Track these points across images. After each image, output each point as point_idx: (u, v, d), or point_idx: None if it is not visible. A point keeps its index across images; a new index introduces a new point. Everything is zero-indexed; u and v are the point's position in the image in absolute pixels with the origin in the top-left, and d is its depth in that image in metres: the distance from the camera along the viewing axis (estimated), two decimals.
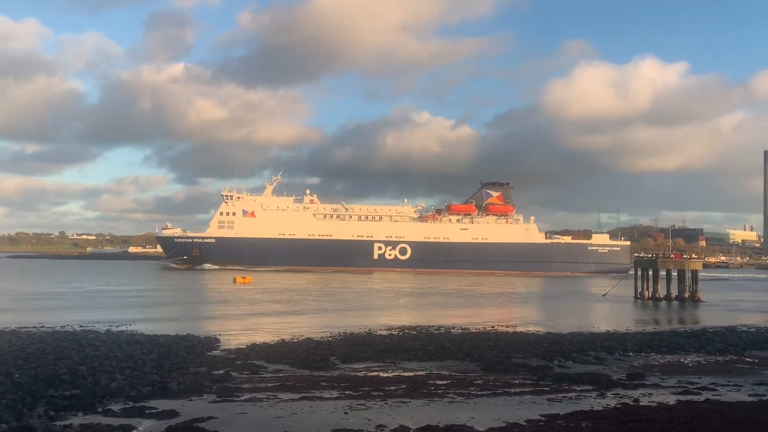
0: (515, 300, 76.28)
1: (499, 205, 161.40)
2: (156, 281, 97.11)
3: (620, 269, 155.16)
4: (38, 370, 23.80)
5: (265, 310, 55.94)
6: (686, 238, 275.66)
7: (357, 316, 51.35)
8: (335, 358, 29.43)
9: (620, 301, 72.94)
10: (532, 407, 20.15)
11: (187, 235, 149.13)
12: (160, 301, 63.85)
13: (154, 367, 25.69)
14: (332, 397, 21.14)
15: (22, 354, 27.43)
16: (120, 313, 48.96)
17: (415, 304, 66.38)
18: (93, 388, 21.15)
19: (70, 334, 34.81)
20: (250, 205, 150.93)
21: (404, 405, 20.08)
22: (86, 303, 59.05)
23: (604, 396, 22.05)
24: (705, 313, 61.34)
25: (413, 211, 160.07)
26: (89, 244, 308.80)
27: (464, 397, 21.35)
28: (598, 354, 32.15)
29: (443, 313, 56.55)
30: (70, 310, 52.20)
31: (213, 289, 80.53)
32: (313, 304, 62.36)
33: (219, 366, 26.87)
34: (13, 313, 47.41)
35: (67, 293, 70.74)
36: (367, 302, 66.21)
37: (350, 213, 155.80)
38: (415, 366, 28.16)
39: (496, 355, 30.88)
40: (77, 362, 25.64)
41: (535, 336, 38.75)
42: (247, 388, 22.56)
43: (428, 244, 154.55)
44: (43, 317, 44.09)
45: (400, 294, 79.57)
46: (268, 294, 73.57)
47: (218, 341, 34.67)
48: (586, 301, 75.66)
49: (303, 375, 25.59)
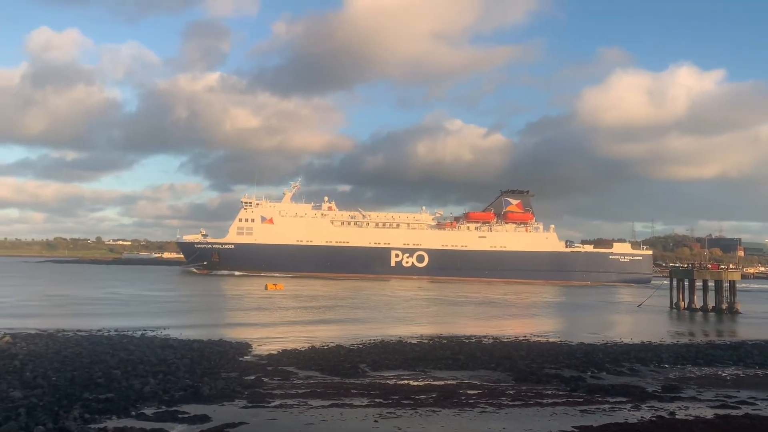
0: (545, 309, 75.42)
1: (518, 213, 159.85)
2: (188, 287, 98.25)
3: (642, 279, 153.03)
4: (74, 373, 24.21)
5: (296, 316, 56.16)
6: (723, 247, 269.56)
7: (386, 324, 51.26)
8: (365, 366, 29.40)
9: (655, 311, 71.62)
10: (565, 419, 19.86)
11: (206, 241, 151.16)
12: (193, 306, 64.55)
13: (186, 371, 25.95)
14: (362, 404, 21.10)
15: (59, 357, 27.93)
16: (154, 318, 49.62)
17: (444, 312, 66.02)
18: (127, 392, 21.44)
19: (106, 339, 35.37)
20: (268, 211, 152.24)
21: (435, 414, 19.95)
22: (121, 307, 59.99)
23: (639, 408, 21.63)
24: (743, 325, 59.85)
25: (431, 219, 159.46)
26: (125, 250, 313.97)
27: (495, 408, 21.13)
28: (633, 365, 31.58)
29: (471, 321, 56.17)
30: (106, 314, 53.06)
31: (245, 295, 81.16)
32: (343, 311, 62.42)
33: (250, 371, 27.03)
34: (50, 317, 48.33)
35: (103, 298, 71.95)
36: (397, 310, 66.07)
37: (368, 220, 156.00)
38: (445, 375, 27.98)
39: (528, 365, 30.54)
40: (112, 366, 26.01)
41: (568, 346, 38.24)
42: (278, 394, 22.64)
43: (446, 251, 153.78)
44: (79, 321, 44.94)
45: (431, 302, 79.22)
46: (298, 300, 73.91)
47: (250, 347, 34.89)
48: (619, 312, 74.47)
49: (333, 382, 25.60)
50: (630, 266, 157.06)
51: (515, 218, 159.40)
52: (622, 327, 54.35)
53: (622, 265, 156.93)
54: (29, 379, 22.85)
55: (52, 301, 64.68)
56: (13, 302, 62.14)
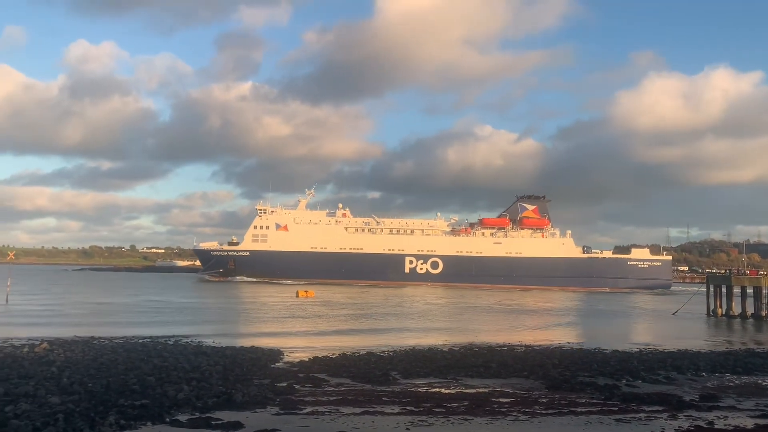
0: (573, 317, 74.45)
1: (534, 219, 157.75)
2: (218, 294, 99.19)
3: (661, 285, 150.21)
4: (110, 379, 24.57)
5: (327, 322, 56.32)
6: (762, 253, 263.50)
7: (416, 331, 51.16)
8: (396, 373, 29.33)
9: (691, 318, 70.23)
10: (600, 428, 19.56)
11: (222, 249, 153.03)
12: (225, 313, 65.12)
13: (219, 378, 26.18)
14: (394, 412, 21.04)
15: (95, 364, 28.40)
16: (187, 325, 50.22)
17: (469, 319, 65.59)
18: (161, 399, 21.69)
19: (140, 345, 35.86)
20: (283, 219, 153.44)
21: (467, 422, 19.81)
22: (155, 314, 60.80)
23: (676, 417, 21.20)
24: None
25: (446, 225, 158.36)
26: (158, 257, 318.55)
27: (528, 416, 20.90)
28: (669, 373, 30.99)
29: (498, 329, 55.76)
30: (140, 321, 53.86)
31: (276, 302, 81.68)
32: (374, 318, 62.42)
33: (282, 378, 27.15)
34: (86, 325, 49.21)
35: (137, 305, 73.04)
36: (427, 317, 65.91)
37: (382, 227, 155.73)
38: (477, 383, 27.78)
39: (561, 373, 30.17)
40: (146, 372, 26.36)
41: (602, 354, 37.69)
42: (309, 401, 22.70)
43: (460, 258, 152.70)
44: (114, 328, 45.71)
45: (456, 309, 78.82)
46: (329, 307, 74.13)
47: (281, 354, 35.07)
48: (654, 319, 73.17)
49: (364, 389, 25.58)
50: (649, 272, 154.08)
51: (531, 224, 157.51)
52: (657, 334, 53.42)
53: (641, 271, 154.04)
54: (66, 385, 23.26)
55: (88, 309, 65.84)
56: (51, 310, 63.41)
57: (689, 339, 49.04)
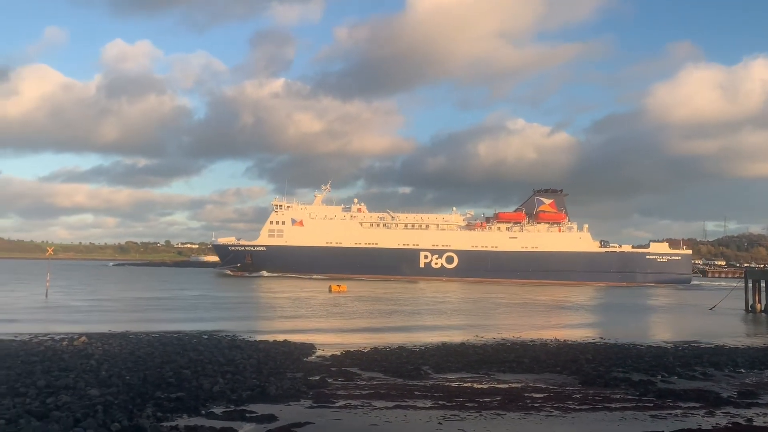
0: (603, 312, 73.52)
1: (550, 213, 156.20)
2: (252, 290, 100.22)
3: (681, 279, 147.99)
4: (146, 372, 25.03)
5: (360, 317, 56.56)
6: None
7: (446, 326, 51.08)
8: (428, 368, 29.35)
9: (729, 314, 68.87)
10: (635, 424, 19.34)
11: (240, 244, 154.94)
12: (259, 307, 65.81)
13: (253, 371, 26.50)
14: (426, 406, 21.07)
15: (132, 357, 28.95)
16: (221, 319, 50.85)
17: (499, 315, 65.25)
18: (197, 391, 22.04)
19: (176, 339, 36.45)
20: (299, 214, 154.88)
21: (499, 417, 19.75)
22: (191, 309, 61.72)
23: (713, 414, 20.86)
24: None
25: (462, 220, 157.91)
26: (192, 253, 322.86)
27: (562, 411, 20.76)
28: (706, 370, 30.47)
29: (527, 323, 55.40)
30: (176, 315, 54.72)
31: (310, 297, 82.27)
32: (407, 313, 62.52)
33: (315, 372, 27.37)
34: (123, 319, 50.17)
35: (172, 299, 74.22)
36: (461, 312, 65.79)
37: (396, 222, 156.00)
38: (509, 378, 27.66)
39: (594, 368, 29.87)
40: (182, 366, 26.79)
41: (636, 349, 37.22)
42: (342, 394, 22.86)
43: (475, 252, 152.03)
44: (150, 322, 46.54)
45: (487, 304, 78.47)
46: (361, 302, 74.44)
47: (314, 348, 35.33)
48: (690, 314, 71.92)
49: (396, 383, 25.66)
50: (668, 266, 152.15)
51: (547, 218, 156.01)
52: (693, 330, 52.44)
53: (660, 266, 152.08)
54: (105, 378, 23.76)
55: (125, 303, 67.12)
56: (89, 305, 64.79)
57: (727, 335, 48.13)
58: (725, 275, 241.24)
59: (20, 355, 28.52)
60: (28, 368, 25.22)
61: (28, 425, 16.55)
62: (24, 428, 16.30)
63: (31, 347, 31.22)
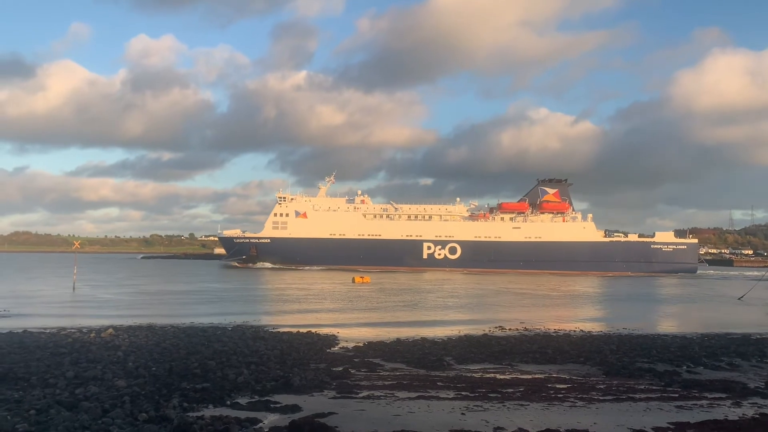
0: (624, 302, 72.87)
1: (554, 203, 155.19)
2: (274, 281, 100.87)
3: (687, 269, 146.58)
4: (172, 363, 25.37)
5: (383, 308, 56.69)
6: None
7: (468, 316, 51.01)
8: (450, 359, 29.37)
9: (758, 304, 67.93)
10: (660, 414, 19.20)
11: (245, 236, 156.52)
12: (282, 299, 66.20)
13: (277, 362, 26.74)
14: (449, 397, 21.11)
15: (158, 349, 29.35)
16: (244, 311, 51.29)
17: (514, 306, 65.01)
18: (222, 382, 22.30)
19: (200, 330, 36.87)
20: (302, 206, 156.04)
21: (522, 408, 19.73)
22: (215, 301, 62.37)
23: (740, 405, 20.63)
24: None
25: (465, 210, 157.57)
26: (216, 245, 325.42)
27: (586, 402, 20.67)
28: (732, 360, 30.12)
29: (546, 315, 55.12)
30: (201, 307, 55.32)
31: (334, 289, 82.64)
32: (430, 304, 62.56)
33: (338, 363, 27.53)
34: (149, 311, 50.82)
35: (197, 291, 75.05)
36: (485, 304, 65.68)
37: (400, 213, 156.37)
38: (533, 369, 27.59)
39: (619, 359, 29.68)
40: (207, 357, 27.11)
41: (661, 340, 36.89)
42: (365, 385, 22.98)
43: (479, 243, 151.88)
44: (175, 314, 47.13)
45: (520, 295, 78.21)
46: (384, 293, 74.60)
47: (336, 338, 35.53)
48: (717, 304, 71.04)
49: (419, 374, 25.73)
50: (674, 255, 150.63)
51: (551, 208, 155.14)
52: (720, 320, 51.85)
53: (665, 255, 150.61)
54: (132, 369, 24.14)
55: (150, 296, 67.97)
56: (115, 297, 65.73)
57: (754, 325, 47.50)
58: (753, 265, 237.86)
59: (49, 346, 29.08)
60: (57, 360, 25.72)
61: (58, 415, 16.89)
62: (54, 418, 16.63)
63: (59, 339, 31.80)
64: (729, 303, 70.77)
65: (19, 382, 21.49)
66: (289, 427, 16.85)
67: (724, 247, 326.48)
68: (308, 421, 17.20)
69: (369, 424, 17.43)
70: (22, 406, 17.93)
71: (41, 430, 15.63)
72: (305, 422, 17.03)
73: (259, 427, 17.06)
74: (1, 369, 23.20)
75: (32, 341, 30.79)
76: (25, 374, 22.49)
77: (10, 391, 20.01)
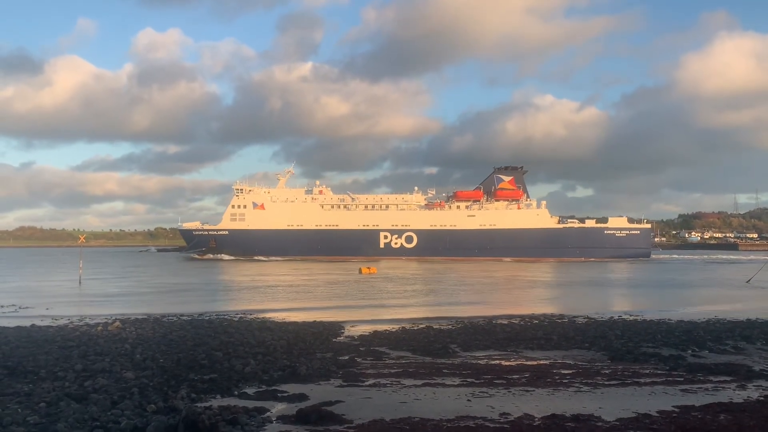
0: (628, 288, 72.94)
1: (508, 191, 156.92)
2: (283, 271, 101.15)
3: (639, 254, 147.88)
4: (180, 355, 25.56)
5: (387, 297, 56.89)
6: None
7: (471, 305, 51.18)
8: (456, 346, 29.50)
9: (765, 287, 67.90)
10: (665, 398, 19.29)
11: (204, 228, 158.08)
12: (290, 290, 66.45)
13: (284, 352, 26.90)
14: (454, 384, 21.22)
15: (165, 341, 29.54)
16: (251, 301, 51.55)
17: (517, 293, 65.16)
18: (229, 373, 22.46)
19: (207, 322, 37.07)
20: (260, 197, 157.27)
21: (528, 394, 19.84)
22: (220, 293, 62.64)
23: (745, 388, 20.70)
24: None
25: (423, 199, 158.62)
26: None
27: (591, 387, 20.77)
28: (737, 343, 30.17)
29: (544, 301, 55.23)
30: (205, 299, 55.58)
31: (339, 279, 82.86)
32: (435, 293, 62.74)
33: (344, 352, 27.69)
34: (155, 303, 51.09)
35: (201, 283, 75.32)
36: (494, 292, 65.84)
37: (357, 203, 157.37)
38: (538, 355, 27.70)
39: (624, 344, 29.76)
40: (214, 348, 27.28)
41: (666, 324, 36.96)
42: (371, 373, 23.11)
43: (434, 231, 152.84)
44: (181, 306, 47.36)
45: (534, 284, 78.30)
46: (390, 282, 74.81)
47: (342, 328, 35.71)
48: (724, 287, 71.05)
49: (425, 362, 25.86)
50: (627, 241, 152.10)
51: (505, 195, 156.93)
52: (725, 303, 51.91)
53: (618, 240, 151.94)
54: (139, 361, 24.32)
55: (156, 288, 68.25)
56: (121, 290, 66.04)
57: (760, 308, 47.49)
58: (758, 248, 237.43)
59: (57, 340, 29.27)
60: (65, 353, 25.90)
61: (67, 407, 17.06)
62: (64, 410, 16.80)
63: (67, 332, 32.02)
64: (734, 286, 70.75)
65: (28, 375, 21.65)
66: (296, 416, 16.99)
67: (729, 231, 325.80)
68: (315, 409, 17.32)
69: (375, 411, 17.56)
70: (32, 399, 18.10)
71: (52, 422, 15.78)
72: (312, 410, 17.16)
73: (266, 416, 17.19)
74: (10, 363, 23.38)
75: (40, 335, 31.01)
76: (34, 368, 22.66)
77: (20, 384, 20.18)
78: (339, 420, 16.72)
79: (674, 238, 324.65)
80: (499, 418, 16.88)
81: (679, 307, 48.96)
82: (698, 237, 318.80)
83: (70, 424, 15.67)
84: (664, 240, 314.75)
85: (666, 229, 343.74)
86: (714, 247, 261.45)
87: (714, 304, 51.84)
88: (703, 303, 52.84)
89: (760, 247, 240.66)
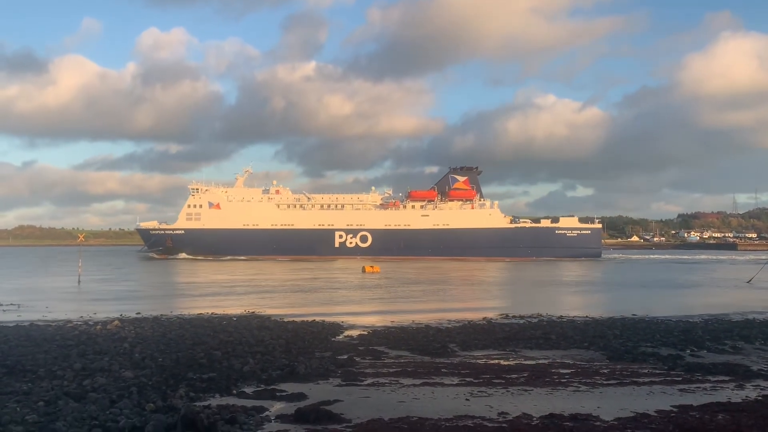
0: (624, 288, 72.97)
1: (462, 191, 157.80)
2: (284, 271, 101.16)
3: (590, 254, 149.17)
4: (179, 354, 25.56)
5: (387, 297, 56.91)
6: None
7: (471, 304, 51.22)
8: (454, 346, 29.53)
9: (765, 287, 67.94)
10: (663, 398, 19.31)
11: (160, 227, 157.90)
12: (291, 289, 66.47)
13: (282, 351, 26.91)
14: (453, 383, 21.24)
15: (164, 340, 29.55)
16: (251, 301, 51.53)
17: (514, 293, 65.19)
18: (228, 372, 22.47)
19: (206, 321, 37.08)
20: (216, 197, 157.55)
21: (526, 393, 19.86)
22: (222, 292, 62.58)
23: (743, 387, 20.73)
24: None
25: (379, 199, 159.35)
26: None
27: (589, 387, 20.80)
28: (736, 343, 30.20)
29: (559, 300, 55.26)
30: (205, 298, 55.55)
31: (341, 278, 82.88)
32: (436, 293, 62.76)
33: (343, 351, 27.70)
34: (154, 302, 51.07)
35: (202, 283, 75.30)
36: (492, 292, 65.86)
37: (312, 203, 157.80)
38: (536, 354, 27.73)
39: (622, 343, 29.80)
40: (213, 347, 27.27)
41: (665, 324, 36.99)
42: (370, 372, 23.14)
43: (389, 231, 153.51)
44: (180, 305, 47.37)
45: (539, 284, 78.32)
46: (392, 282, 74.84)
47: (341, 327, 35.73)
48: (723, 288, 71.08)
49: (423, 361, 25.88)
50: (577, 241, 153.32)
51: (459, 195, 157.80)
52: (724, 303, 51.90)
53: (569, 240, 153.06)
54: (138, 360, 24.32)
55: (155, 288, 68.27)
56: (120, 289, 66.02)
57: (758, 308, 47.53)
58: (757, 248, 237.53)
59: (56, 339, 29.28)
60: (64, 352, 25.91)
61: (66, 406, 17.06)
62: (63, 409, 16.80)
63: (66, 332, 32.02)
64: (735, 286, 70.80)
65: (27, 374, 21.66)
66: (295, 415, 17.01)
67: (728, 231, 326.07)
68: (314, 408, 17.33)
69: (374, 410, 17.57)
70: (31, 397, 18.11)
71: (50, 421, 15.78)
72: (311, 410, 17.17)
73: (265, 415, 17.21)
74: (9, 362, 23.39)
75: (39, 334, 31.01)
76: (33, 366, 22.67)
77: (19, 383, 20.18)
78: (338, 419, 16.74)
79: (673, 238, 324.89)
80: (497, 418, 16.90)
81: (682, 305, 48.94)
82: (697, 237, 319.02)
83: (69, 422, 15.67)
84: (663, 240, 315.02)
85: (665, 228, 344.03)
86: (713, 247, 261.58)
87: (713, 305, 51.82)
88: (703, 303, 52.81)
89: (759, 247, 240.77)
